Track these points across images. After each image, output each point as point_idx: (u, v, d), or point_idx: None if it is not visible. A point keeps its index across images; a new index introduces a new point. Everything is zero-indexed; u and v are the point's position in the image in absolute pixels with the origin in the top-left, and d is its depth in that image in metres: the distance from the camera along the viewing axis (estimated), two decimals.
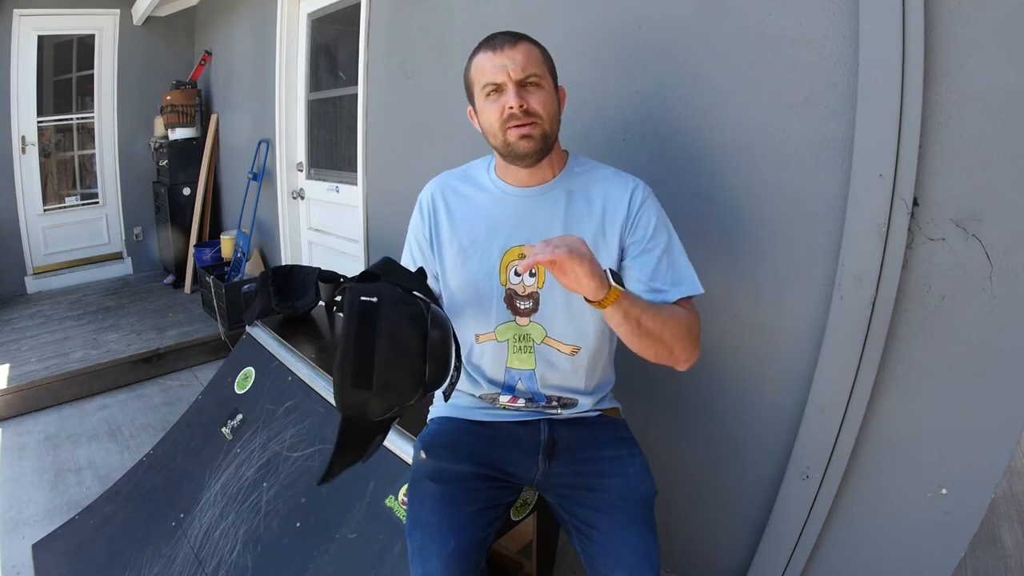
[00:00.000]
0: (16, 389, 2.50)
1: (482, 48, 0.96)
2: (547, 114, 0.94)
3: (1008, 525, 1.76)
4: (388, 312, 0.78)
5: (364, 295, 0.78)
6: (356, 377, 0.76)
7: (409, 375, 0.78)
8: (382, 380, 0.76)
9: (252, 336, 1.84)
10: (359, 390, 0.76)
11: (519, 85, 0.92)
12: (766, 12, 1.13)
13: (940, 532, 1.06)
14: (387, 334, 0.77)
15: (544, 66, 0.96)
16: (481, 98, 0.96)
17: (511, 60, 0.92)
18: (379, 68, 2.26)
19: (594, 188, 1.01)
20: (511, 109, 0.91)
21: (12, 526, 1.82)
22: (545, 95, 0.94)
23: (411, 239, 1.09)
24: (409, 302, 0.81)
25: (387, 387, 0.77)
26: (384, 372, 0.76)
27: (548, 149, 0.97)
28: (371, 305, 0.78)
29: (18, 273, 3.78)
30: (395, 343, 0.77)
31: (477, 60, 0.96)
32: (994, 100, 0.91)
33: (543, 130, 0.94)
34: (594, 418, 1.09)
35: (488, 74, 0.93)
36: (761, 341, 1.24)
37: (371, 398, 0.77)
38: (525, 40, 0.95)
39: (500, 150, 0.98)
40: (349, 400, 0.78)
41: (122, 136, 4.04)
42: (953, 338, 1.00)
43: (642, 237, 0.98)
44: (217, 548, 1.36)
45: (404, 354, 0.78)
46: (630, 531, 0.95)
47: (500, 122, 0.94)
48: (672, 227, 1.01)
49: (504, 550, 1.44)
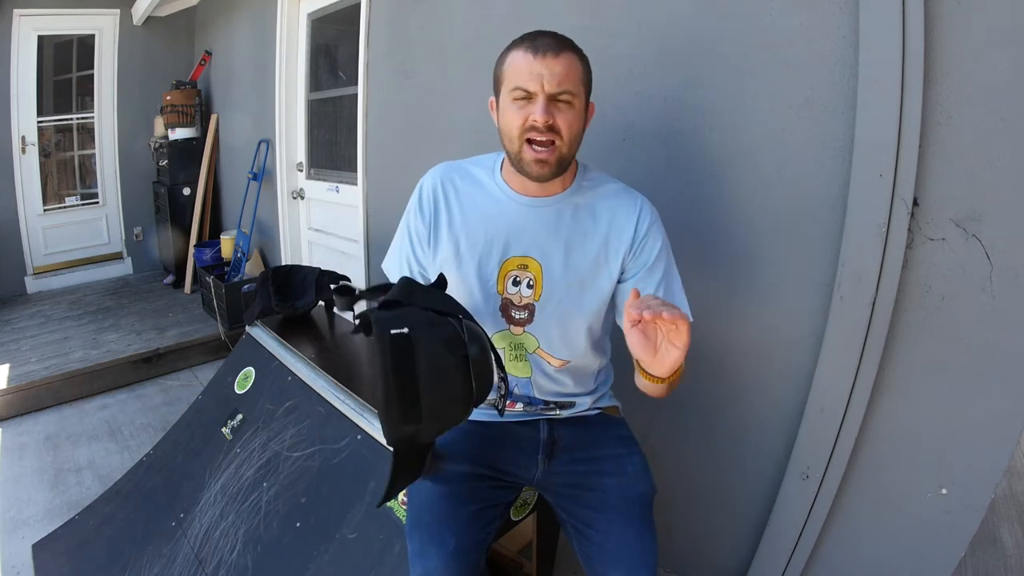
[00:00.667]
0: (16, 389, 2.49)
1: (524, 46, 0.89)
2: (569, 135, 0.89)
3: (1008, 525, 1.76)
4: (423, 340, 0.74)
5: (393, 327, 0.74)
6: (404, 415, 0.74)
7: (458, 400, 0.76)
8: (431, 411, 0.74)
9: (252, 336, 1.84)
10: (409, 424, 0.74)
11: (550, 99, 0.87)
12: (766, 12, 1.13)
13: (940, 532, 1.06)
14: (427, 365, 0.74)
15: (581, 83, 0.90)
16: (508, 99, 0.91)
17: (549, 71, 0.86)
18: (379, 68, 2.26)
19: (600, 204, 0.99)
20: (534, 122, 0.87)
21: (12, 526, 1.81)
22: (573, 115, 0.89)
23: (407, 229, 1.04)
24: (441, 324, 0.77)
25: (436, 416, 0.75)
26: (432, 403, 0.74)
27: (563, 171, 0.94)
28: (404, 337, 0.74)
29: (18, 273, 3.78)
30: (436, 374, 0.74)
31: (514, 57, 0.89)
32: (994, 100, 0.91)
33: (560, 154, 0.90)
34: (594, 417, 1.09)
35: (522, 77, 0.87)
36: (761, 341, 1.24)
37: (423, 425, 0.75)
38: (569, 50, 0.89)
39: (512, 158, 0.94)
40: (401, 435, 0.76)
41: (122, 136, 4.04)
42: (953, 338, 1.00)
43: (644, 263, 0.98)
44: (217, 548, 1.36)
45: (448, 381, 0.75)
46: (627, 531, 0.95)
47: (520, 130, 0.89)
48: (672, 254, 1.00)
49: (504, 550, 1.44)
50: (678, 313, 0.72)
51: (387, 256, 1.09)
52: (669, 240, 1.01)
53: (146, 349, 2.88)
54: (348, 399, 1.42)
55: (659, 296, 0.92)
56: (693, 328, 1.33)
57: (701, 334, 1.32)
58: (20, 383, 2.52)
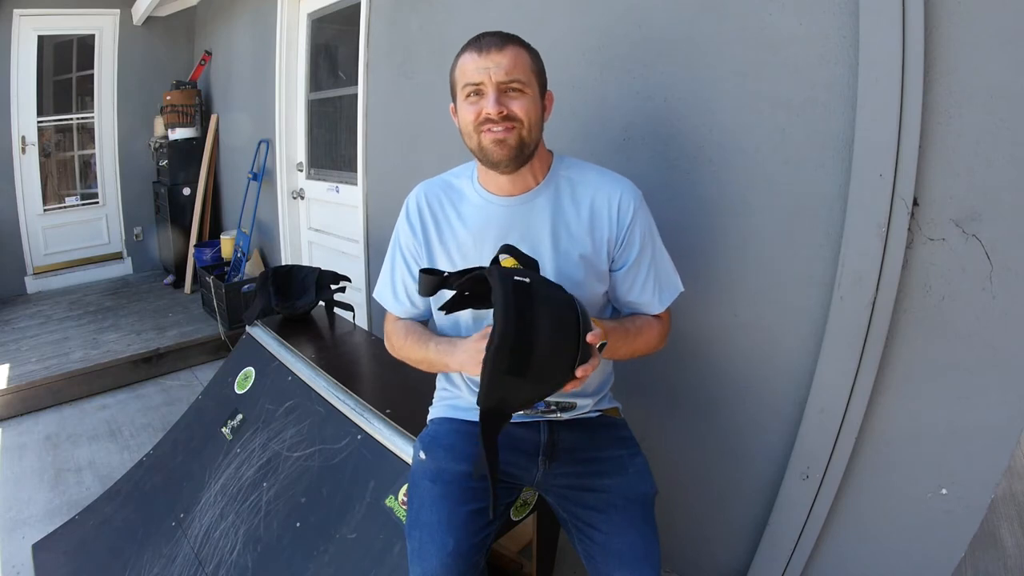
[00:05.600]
0: (16, 389, 2.50)
1: (469, 48, 0.93)
2: (528, 120, 0.91)
3: (1008, 525, 1.76)
4: (543, 290, 0.73)
5: (516, 275, 0.72)
6: (514, 360, 0.70)
7: (568, 358, 0.72)
8: (541, 363, 0.71)
9: (252, 336, 1.84)
10: (513, 376, 0.70)
11: (500, 91, 0.90)
12: (766, 12, 1.13)
13: (940, 532, 1.06)
14: (550, 313, 0.71)
15: (531, 72, 0.93)
16: (461, 98, 0.94)
17: (495, 64, 0.89)
18: (379, 68, 2.26)
19: (581, 192, 0.99)
20: (488, 114, 0.90)
21: (12, 526, 1.81)
22: (527, 101, 0.91)
23: (398, 251, 1.05)
24: (556, 286, 0.76)
25: (542, 372, 0.71)
26: (548, 355, 0.71)
27: (526, 157, 0.95)
28: (526, 285, 0.72)
29: (18, 273, 3.78)
30: (559, 323, 0.72)
31: (462, 60, 0.93)
32: (994, 100, 0.91)
33: (520, 135, 0.92)
34: (594, 419, 1.08)
35: (470, 75, 0.91)
36: (761, 341, 1.24)
37: (523, 386, 0.71)
38: (513, 43, 0.92)
39: (475, 153, 0.97)
40: (499, 391, 0.71)
41: (122, 136, 4.04)
42: (953, 338, 1.00)
43: (632, 254, 0.99)
44: (217, 548, 1.36)
45: (567, 335, 0.72)
46: (631, 531, 0.95)
47: (475, 125, 0.92)
48: (656, 230, 1.02)
49: (504, 550, 1.44)
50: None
51: (378, 284, 1.10)
52: (664, 235, 1.04)
53: (146, 349, 2.88)
54: (348, 399, 1.42)
55: (649, 284, 1.00)
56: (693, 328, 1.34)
57: (701, 334, 1.33)
58: (20, 383, 2.52)
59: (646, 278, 1.00)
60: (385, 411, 1.36)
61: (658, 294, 1.02)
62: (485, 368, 0.71)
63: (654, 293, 1.01)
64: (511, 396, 0.73)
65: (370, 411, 1.36)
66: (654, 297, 1.02)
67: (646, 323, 1.02)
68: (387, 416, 1.34)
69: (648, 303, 1.02)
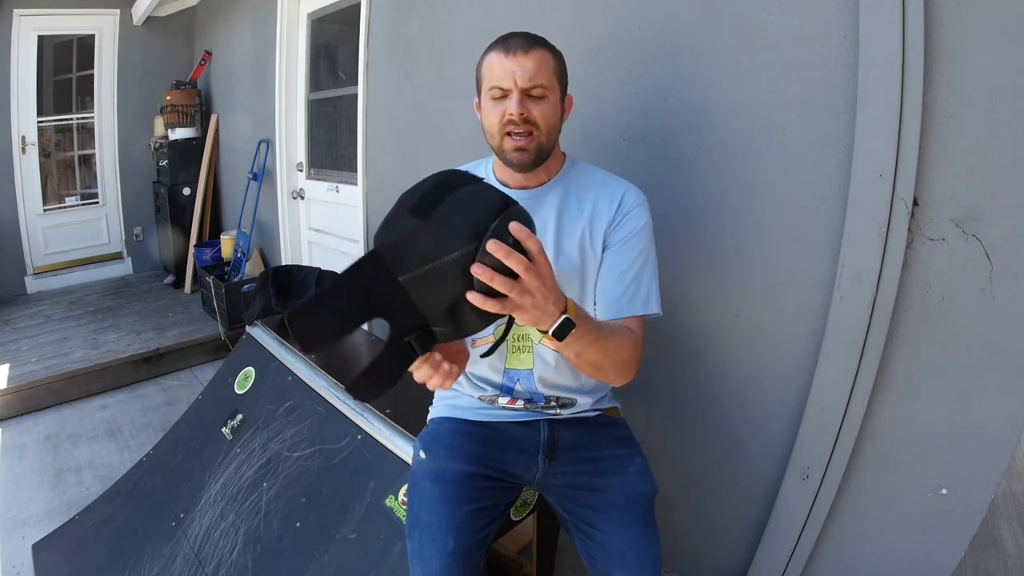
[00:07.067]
0: (16, 389, 2.50)
1: (496, 47, 0.96)
2: (546, 126, 0.95)
3: (1008, 525, 1.76)
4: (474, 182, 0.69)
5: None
6: (420, 202, 0.66)
7: (476, 221, 0.64)
8: (446, 213, 0.65)
9: (252, 336, 1.84)
10: (415, 217, 0.65)
11: (524, 94, 0.93)
12: (766, 12, 1.13)
13: (940, 532, 1.06)
14: (468, 190, 0.68)
15: (554, 76, 0.96)
16: (487, 98, 0.97)
17: (520, 67, 0.92)
18: (379, 68, 2.26)
19: (587, 191, 1.02)
20: (511, 116, 0.93)
21: (12, 526, 1.82)
22: (548, 106, 0.95)
23: None
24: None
25: (447, 222, 0.65)
26: (454, 208, 0.65)
27: (543, 159, 0.99)
28: (462, 174, 0.70)
29: (18, 273, 3.78)
30: (474, 195, 0.67)
31: (489, 59, 0.96)
32: (994, 100, 0.91)
33: (539, 142, 0.95)
34: (594, 418, 1.09)
35: (496, 76, 0.94)
36: (761, 341, 1.24)
37: (422, 231, 0.65)
38: (540, 47, 0.95)
39: (496, 152, 1.00)
40: (398, 228, 0.66)
41: (122, 136, 4.05)
42: (953, 338, 1.00)
43: (623, 236, 0.98)
44: (217, 548, 1.36)
45: (480, 203, 0.66)
46: (631, 530, 0.95)
47: (499, 126, 0.95)
48: (652, 239, 1.00)
49: (504, 550, 1.44)
50: None
51: None
52: (664, 235, 1.04)
53: (146, 349, 2.88)
54: (348, 399, 1.42)
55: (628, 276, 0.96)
56: (693, 328, 1.33)
57: (701, 334, 1.33)
58: (20, 383, 2.52)
59: (628, 268, 0.97)
60: (385, 411, 1.36)
61: (634, 291, 0.97)
62: (393, 209, 0.69)
63: (630, 291, 0.96)
64: (412, 243, 0.66)
65: (370, 411, 1.36)
66: (629, 295, 0.96)
67: (621, 329, 0.93)
68: (387, 416, 1.34)
69: (622, 295, 0.96)
